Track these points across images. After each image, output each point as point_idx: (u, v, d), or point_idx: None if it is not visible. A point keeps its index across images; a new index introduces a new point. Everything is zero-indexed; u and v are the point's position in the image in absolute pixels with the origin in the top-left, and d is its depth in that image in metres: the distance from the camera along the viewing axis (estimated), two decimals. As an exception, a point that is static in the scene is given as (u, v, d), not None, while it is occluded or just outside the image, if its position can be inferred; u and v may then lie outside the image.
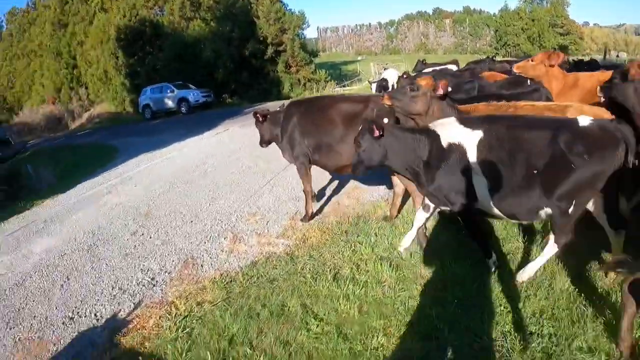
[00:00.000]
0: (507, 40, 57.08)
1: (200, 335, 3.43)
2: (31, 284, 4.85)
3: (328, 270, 4.10)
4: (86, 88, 30.96)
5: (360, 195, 6.21)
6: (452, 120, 3.42)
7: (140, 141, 14.42)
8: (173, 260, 4.93)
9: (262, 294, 3.84)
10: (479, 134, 3.22)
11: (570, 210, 3.04)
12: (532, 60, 5.02)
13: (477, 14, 72.91)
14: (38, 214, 7.64)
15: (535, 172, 3.00)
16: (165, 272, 4.70)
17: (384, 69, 18.43)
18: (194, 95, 22.69)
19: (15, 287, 4.84)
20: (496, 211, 3.31)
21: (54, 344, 3.73)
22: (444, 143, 3.32)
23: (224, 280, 4.25)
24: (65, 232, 6.33)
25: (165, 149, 11.95)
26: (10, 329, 4.04)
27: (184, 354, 3.24)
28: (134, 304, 4.14)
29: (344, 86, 26.90)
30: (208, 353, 3.17)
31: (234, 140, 11.90)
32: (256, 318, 3.52)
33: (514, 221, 3.69)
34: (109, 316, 4.00)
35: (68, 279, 4.84)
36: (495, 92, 5.28)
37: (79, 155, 14.18)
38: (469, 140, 3.24)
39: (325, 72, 28.30)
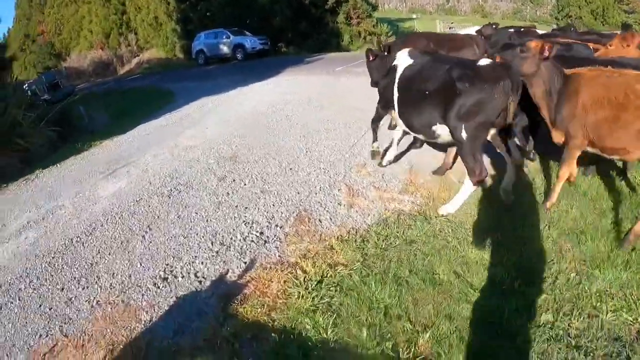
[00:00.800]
0: (569, 11, 52.41)
1: (344, 305, 2.85)
2: (104, 234, 4.04)
3: (470, 233, 3.73)
4: (135, 34, 30.13)
5: None
6: (405, 51, 4.36)
7: (198, 85, 13.36)
8: (282, 213, 4.22)
9: (404, 258, 3.39)
10: (410, 62, 4.19)
11: (463, 135, 3.68)
12: (610, 46, 5.03)
13: None
14: (98, 156, 6.75)
15: (427, 93, 3.84)
16: (276, 226, 3.99)
17: (449, 28, 17.85)
18: (250, 42, 21.48)
19: (85, 237, 4.02)
20: (400, 120, 4.35)
21: (146, 312, 2.95)
22: (394, 64, 4.35)
23: (354, 240, 3.67)
24: (135, 176, 5.45)
25: (230, 93, 11.05)
26: (84, 288, 3.26)
27: (329, 330, 2.65)
28: (244, 263, 3.42)
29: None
30: (364, 330, 2.62)
31: (307, 88, 10.85)
32: (406, 286, 3.05)
33: (414, 134, 4.51)
34: (214, 277, 3.26)
35: (150, 229, 4.05)
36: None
37: (132, 99, 13.46)
38: (403, 64, 4.23)
39: (387, 26, 26.46)
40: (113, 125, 9.55)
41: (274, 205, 4.35)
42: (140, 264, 3.47)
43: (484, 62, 3.71)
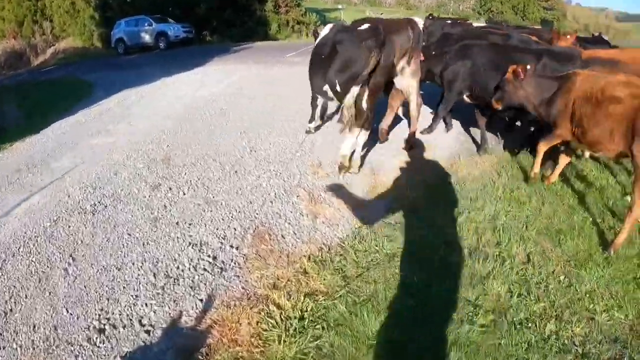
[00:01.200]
0: (491, 6, 56.33)
1: (337, 348, 2.43)
2: (16, 268, 3.29)
3: (454, 242, 3.54)
4: (51, 21, 27.91)
5: (429, 151, 5.63)
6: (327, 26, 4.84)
7: (118, 76, 12.41)
8: (235, 229, 3.69)
9: (390, 277, 3.09)
10: (324, 34, 4.69)
11: (338, 88, 4.22)
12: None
13: None
14: (7, 161, 5.80)
15: (322, 57, 4.31)
16: (231, 246, 3.46)
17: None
18: (174, 29, 20.83)
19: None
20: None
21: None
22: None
23: (329, 259, 3.28)
24: (52, 186, 4.70)
25: (155, 84, 10.23)
26: (-3, 351, 2.49)
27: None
28: (200, 300, 2.86)
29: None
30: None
31: (238, 78, 10.45)
32: (405, 313, 2.73)
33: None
34: (165, 324, 2.68)
35: (73, 259, 3.35)
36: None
37: (48, 92, 12.10)
38: (319, 37, 4.76)
39: (316, 15, 26.44)
40: (25, 122, 8.41)
41: (223, 219, 3.82)
42: (67, 310, 2.81)
43: (363, 26, 4.31)
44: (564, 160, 4.40)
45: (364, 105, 4.35)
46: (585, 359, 2.57)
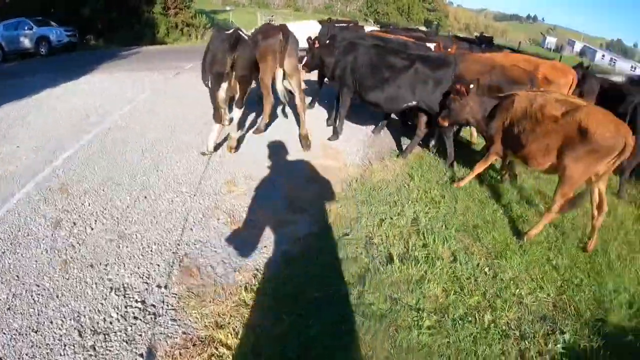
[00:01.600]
0: (377, 8, 60.08)
1: None
2: None
3: (379, 250, 3.77)
4: None
5: (340, 157, 5.88)
6: None
7: None
8: (158, 265, 3.45)
9: (332, 294, 3.16)
10: None
11: (209, 85, 5.15)
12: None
13: None
14: None
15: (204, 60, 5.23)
16: (158, 286, 3.21)
17: (270, 20, 18.69)
18: (56, 33, 19.02)
19: None
20: None
21: None
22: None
23: (268, 286, 3.22)
24: None
25: (39, 96, 8.94)
26: None
27: None
28: (141, 356, 2.60)
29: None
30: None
31: (131, 87, 9.70)
32: (359, 330, 2.85)
33: None
34: None
35: None
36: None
37: None
38: None
39: (206, 17, 25.95)
40: None
41: (142, 255, 3.53)
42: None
43: (227, 32, 5.13)
44: (478, 168, 4.89)
45: (237, 94, 5.24)
46: (523, 340, 2.94)
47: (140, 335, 2.72)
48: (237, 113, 5.40)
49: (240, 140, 5.97)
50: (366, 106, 6.13)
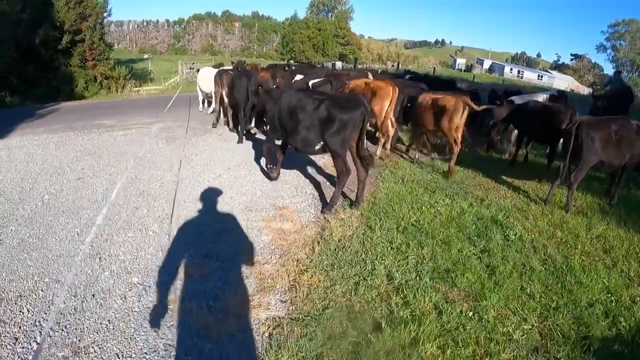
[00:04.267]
0: (293, 47, 62.53)
1: None
2: None
3: (363, 319, 3.67)
4: None
5: (295, 217, 5.77)
6: None
7: None
8: None
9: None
10: None
11: None
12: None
13: (265, 19, 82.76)
14: None
15: None
16: None
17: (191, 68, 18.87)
18: None
19: None
20: None
21: None
22: None
23: None
24: None
25: None
26: None
27: None
28: None
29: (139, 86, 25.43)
30: None
31: (55, 151, 8.64)
32: None
33: None
34: None
35: None
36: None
37: None
38: None
39: (126, 68, 25.44)
40: None
41: None
42: None
43: None
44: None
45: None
46: None
47: None
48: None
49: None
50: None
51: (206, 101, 13.68)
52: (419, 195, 6.41)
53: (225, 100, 10.24)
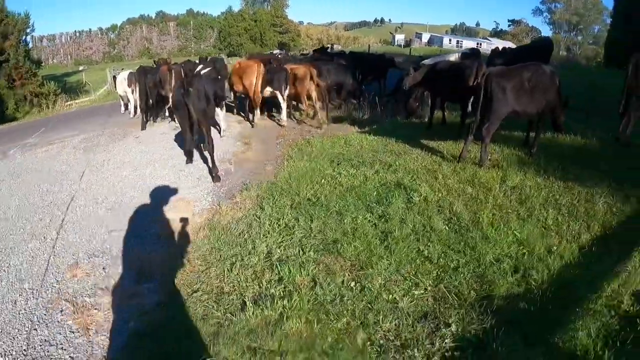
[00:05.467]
0: (231, 41, 61.68)
1: None
2: None
3: (230, 299, 3.52)
4: None
5: (189, 207, 5.56)
6: None
7: None
8: None
9: None
10: None
11: None
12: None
13: (200, 16, 79.80)
14: None
15: None
16: None
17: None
18: None
19: None
20: None
21: None
22: None
23: None
24: None
25: None
26: None
27: None
28: None
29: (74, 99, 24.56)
30: None
31: None
32: None
33: None
34: None
35: None
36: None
37: None
38: None
39: (55, 84, 24.42)
40: None
41: None
42: None
43: None
44: None
45: None
46: (406, 349, 2.78)
47: None
48: None
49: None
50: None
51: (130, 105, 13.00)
52: (322, 169, 6.07)
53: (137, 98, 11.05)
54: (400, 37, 72.91)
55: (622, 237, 3.96)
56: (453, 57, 9.62)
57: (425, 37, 71.17)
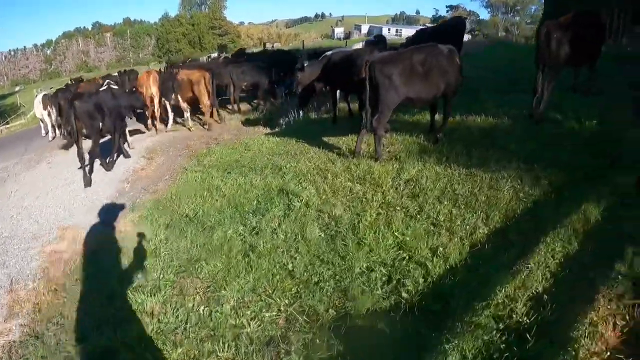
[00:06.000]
0: (169, 47, 60.25)
1: None
2: None
3: None
4: None
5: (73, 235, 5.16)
6: None
7: None
8: None
9: None
10: None
11: None
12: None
13: (137, 24, 77.58)
14: None
15: None
16: None
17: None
18: None
19: None
20: None
21: None
22: None
23: None
24: None
25: None
26: None
27: None
28: None
29: (7, 123, 23.66)
30: None
31: None
32: None
33: None
34: None
35: None
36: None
37: None
38: None
39: None
40: None
41: None
42: None
43: None
44: None
45: None
46: None
47: None
48: None
49: None
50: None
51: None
52: (211, 180, 5.75)
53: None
54: (339, 31, 73.03)
55: (526, 225, 3.52)
56: (359, 47, 9.40)
57: (365, 28, 71.53)
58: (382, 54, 6.06)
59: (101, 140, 7.12)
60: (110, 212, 5.65)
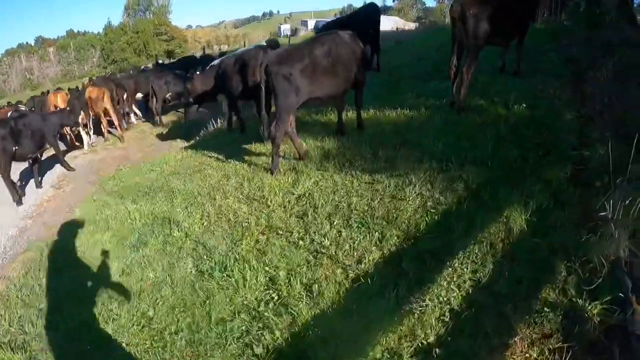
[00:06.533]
0: (115, 57, 58.34)
1: None
2: None
3: None
4: None
5: None
6: None
7: None
8: None
9: None
10: None
11: None
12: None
13: (81, 35, 74.03)
14: None
15: None
16: None
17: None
18: None
19: None
20: None
21: None
22: None
23: None
24: None
25: None
26: None
27: None
28: None
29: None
30: None
31: None
32: None
33: None
34: None
35: None
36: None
37: None
38: None
39: None
40: None
41: None
42: None
43: None
44: None
45: None
46: None
47: None
48: None
49: None
50: None
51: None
52: (103, 211, 5.44)
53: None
54: (286, 28, 72.32)
55: (430, 245, 2.91)
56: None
57: (311, 23, 71.04)
58: (277, 51, 5.24)
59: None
60: (9, 251, 5.45)
